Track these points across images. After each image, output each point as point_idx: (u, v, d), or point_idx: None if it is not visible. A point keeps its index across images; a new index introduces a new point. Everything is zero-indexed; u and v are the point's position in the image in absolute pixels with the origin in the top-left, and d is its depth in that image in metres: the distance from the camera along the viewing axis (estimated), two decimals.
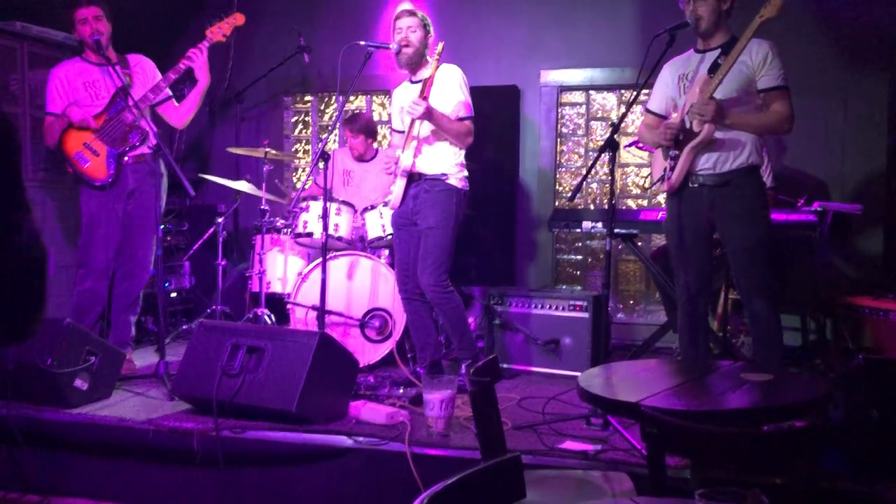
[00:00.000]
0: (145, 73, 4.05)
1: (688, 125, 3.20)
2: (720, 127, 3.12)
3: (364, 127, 4.95)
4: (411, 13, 3.79)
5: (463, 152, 3.78)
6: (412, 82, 3.83)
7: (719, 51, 3.16)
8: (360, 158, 5.01)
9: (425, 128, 3.69)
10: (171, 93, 4.10)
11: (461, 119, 3.70)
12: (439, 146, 3.72)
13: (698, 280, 3.30)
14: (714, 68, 3.12)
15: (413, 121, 3.65)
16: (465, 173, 3.79)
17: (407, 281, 3.85)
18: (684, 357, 3.38)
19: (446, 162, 3.71)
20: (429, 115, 3.56)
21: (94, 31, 3.83)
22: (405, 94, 3.83)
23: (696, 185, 3.23)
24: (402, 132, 3.80)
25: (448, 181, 3.71)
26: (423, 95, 3.58)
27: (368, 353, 4.22)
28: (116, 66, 3.90)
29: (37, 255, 1.58)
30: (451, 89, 3.71)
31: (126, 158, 3.93)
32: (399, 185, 3.76)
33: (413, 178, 3.74)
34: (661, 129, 3.29)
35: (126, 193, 3.96)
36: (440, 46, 3.64)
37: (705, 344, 3.47)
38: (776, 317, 3.19)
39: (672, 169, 3.25)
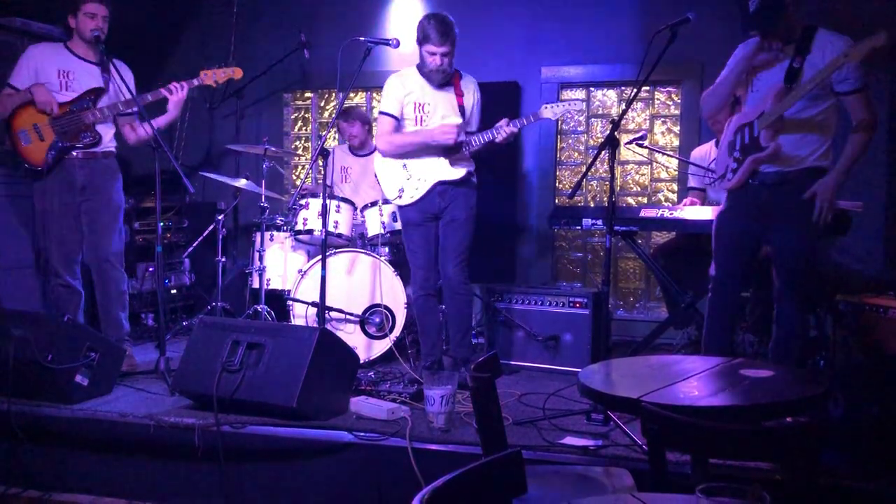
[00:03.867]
0: (123, 81, 3.92)
1: (755, 133, 3.13)
2: (789, 130, 3.04)
3: (360, 115, 5.04)
4: (450, 36, 3.60)
5: None
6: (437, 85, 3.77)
7: (793, 50, 3.07)
8: (360, 148, 5.06)
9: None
10: (137, 111, 4.02)
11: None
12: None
13: (735, 269, 3.24)
14: (791, 76, 3.02)
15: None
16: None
17: (429, 277, 3.84)
18: (708, 343, 3.32)
19: (469, 163, 3.84)
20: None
21: (98, 28, 3.82)
22: (423, 89, 3.74)
23: (755, 183, 3.17)
24: (398, 118, 3.75)
25: (473, 179, 3.84)
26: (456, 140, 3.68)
27: (368, 349, 4.22)
28: (99, 66, 3.92)
29: None
30: (475, 107, 3.83)
31: (75, 153, 3.90)
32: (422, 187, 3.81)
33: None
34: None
35: (77, 189, 3.92)
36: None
37: (731, 332, 3.39)
38: (802, 319, 3.17)
39: (733, 171, 3.22)
